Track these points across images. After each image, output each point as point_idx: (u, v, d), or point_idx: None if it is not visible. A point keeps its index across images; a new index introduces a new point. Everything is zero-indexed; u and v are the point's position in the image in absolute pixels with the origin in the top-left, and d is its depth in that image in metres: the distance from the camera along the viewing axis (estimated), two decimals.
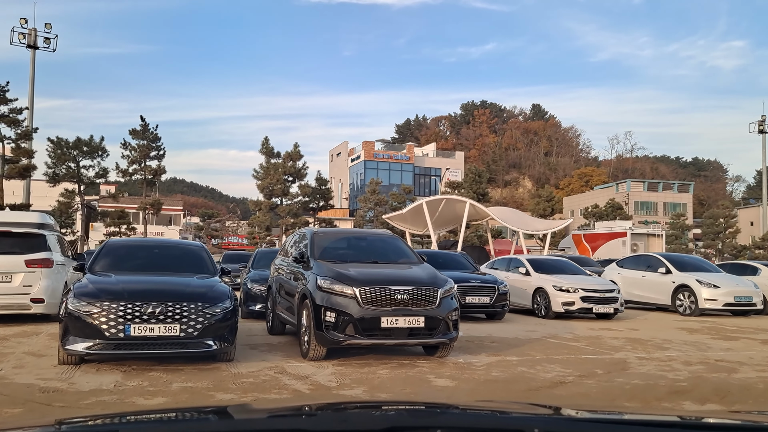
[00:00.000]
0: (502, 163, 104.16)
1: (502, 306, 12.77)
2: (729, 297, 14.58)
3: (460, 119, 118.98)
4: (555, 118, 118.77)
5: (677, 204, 69.95)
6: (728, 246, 46.15)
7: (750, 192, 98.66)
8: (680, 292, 15.25)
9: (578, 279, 13.91)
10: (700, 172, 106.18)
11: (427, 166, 72.84)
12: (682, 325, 12.91)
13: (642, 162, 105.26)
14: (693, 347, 9.50)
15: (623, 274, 17.09)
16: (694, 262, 16.68)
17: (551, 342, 9.80)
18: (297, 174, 36.81)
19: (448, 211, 31.59)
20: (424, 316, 7.24)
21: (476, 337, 10.05)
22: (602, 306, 13.29)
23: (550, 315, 13.52)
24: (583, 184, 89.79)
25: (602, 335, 10.80)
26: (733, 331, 11.89)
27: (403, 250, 8.83)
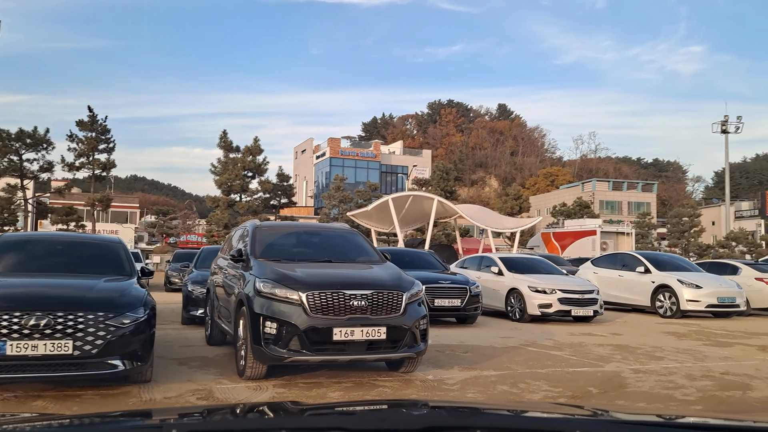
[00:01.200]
0: (469, 162, 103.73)
1: (474, 309, 11.61)
2: (712, 298, 13.71)
3: (427, 118, 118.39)
4: (521, 118, 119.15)
5: (641, 203, 70.36)
6: (693, 245, 46.16)
7: (709, 192, 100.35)
8: (660, 292, 14.33)
9: (555, 279, 12.85)
10: (661, 173, 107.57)
11: (394, 164, 71.71)
12: (665, 328, 11.94)
13: (605, 162, 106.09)
14: (688, 356, 8.46)
15: (599, 274, 16.13)
16: (674, 261, 15.82)
17: (531, 351, 8.64)
18: (257, 169, 35.19)
19: (415, 209, 30.42)
20: (386, 326, 5.97)
21: (447, 346, 8.83)
22: (581, 308, 12.24)
23: (525, 318, 12.42)
24: (548, 184, 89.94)
25: (585, 342, 9.70)
26: (722, 335, 10.94)
27: (363, 248, 7.55)
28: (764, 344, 9.73)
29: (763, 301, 14.99)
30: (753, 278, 15.20)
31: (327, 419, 1.54)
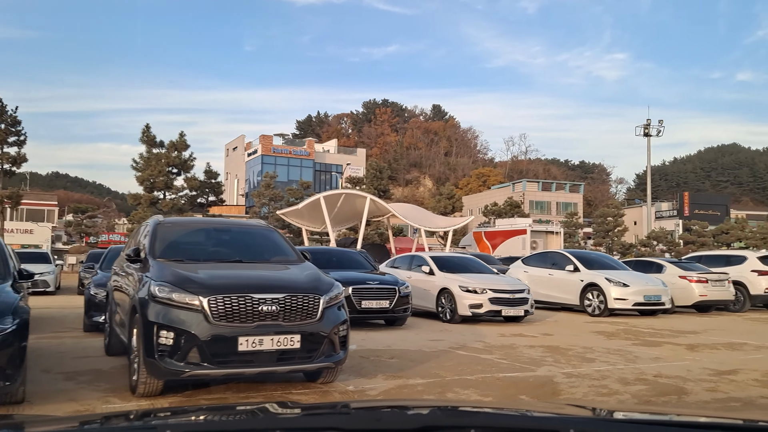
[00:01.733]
0: (404, 162, 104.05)
1: (403, 310, 11.11)
2: (639, 296, 13.77)
3: (362, 117, 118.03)
4: (454, 119, 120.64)
5: (569, 203, 72.34)
6: (617, 244, 47.70)
7: (631, 193, 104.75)
8: (589, 291, 14.31)
9: (486, 278, 12.54)
10: (587, 175, 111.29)
11: (328, 163, 70.87)
12: (595, 327, 11.83)
13: (535, 164, 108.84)
14: (619, 357, 8.24)
15: (529, 273, 16.02)
16: (601, 260, 15.89)
17: (461, 355, 8.21)
18: (183, 166, 33.62)
19: (347, 207, 29.81)
20: (301, 334, 5.34)
21: (373, 351, 8.27)
22: (512, 308, 11.98)
23: (456, 319, 12.04)
24: (480, 184, 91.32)
25: (516, 343, 9.37)
26: (650, 334, 10.88)
27: (279, 246, 6.87)
28: (691, 343, 9.69)
29: (686, 298, 15.24)
30: (677, 276, 15.44)
31: (322, 419, 1.53)
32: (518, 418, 1.57)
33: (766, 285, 15.82)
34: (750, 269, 16.13)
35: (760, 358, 8.20)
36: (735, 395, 6.00)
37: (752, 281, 15.98)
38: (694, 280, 15.20)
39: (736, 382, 6.61)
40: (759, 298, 16.00)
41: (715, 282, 15.28)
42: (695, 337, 10.53)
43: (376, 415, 1.59)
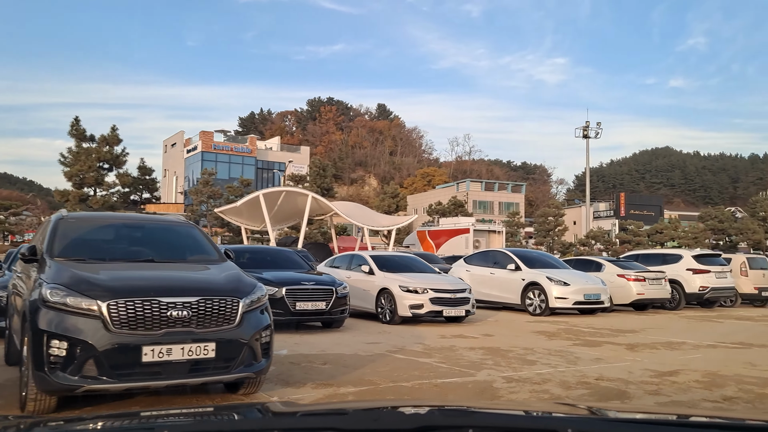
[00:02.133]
0: (349, 160, 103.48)
1: (340, 312, 10.61)
2: (579, 295, 13.74)
3: (307, 115, 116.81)
4: (399, 119, 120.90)
5: (511, 203, 73.48)
6: (557, 243, 48.61)
7: (570, 194, 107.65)
8: (530, 290, 14.19)
9: (427, 278, 12.20)
10: (528, 176, 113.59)
11: (271, 160, 69.59)
12: (536, 327, 11.66)
13: (479, 164, 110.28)
14: (560, 358, 8.00)
15: (471, 272, 15.81)
16: (543, 259, 15.84)
17: (398, 359, 7.79)
18: (115, 161, 32.06)
19: (288, 205, 29.06)
20: (216, 341, 4.79)
21: (305, 357, 7.75)
22: (453, 308, 11.67)
23: (395, 320, 11.65)
24: (425, 184, 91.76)
25: (456, 345, 9.04)
26: (590, 333, 10.77)
27: (198, 244, 6.26)
28: (631, 342, 9.59)
29: (624, 297, 15.35)
30: (615, 275, 15.54)
31: (320, 419, 1.54)
32: (516, 418, 1.56)
33: (700, 283, 16.13)
34: (685, 268, 16.42)
35: (698, 358, 8.12)
36: (677, 398, 5.80)
37: (687, 279, 16.27)
38: (632, 278, 15.32)
39: (677, 384, 6.44)
40: (693, 296, 16.31)
41: (652, 280, 15.46)
42: (634, 336, 10.48)
43: (374, 415, 1.58)
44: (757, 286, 17.51)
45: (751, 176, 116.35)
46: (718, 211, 52.47)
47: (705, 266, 16.35)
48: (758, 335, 10.81)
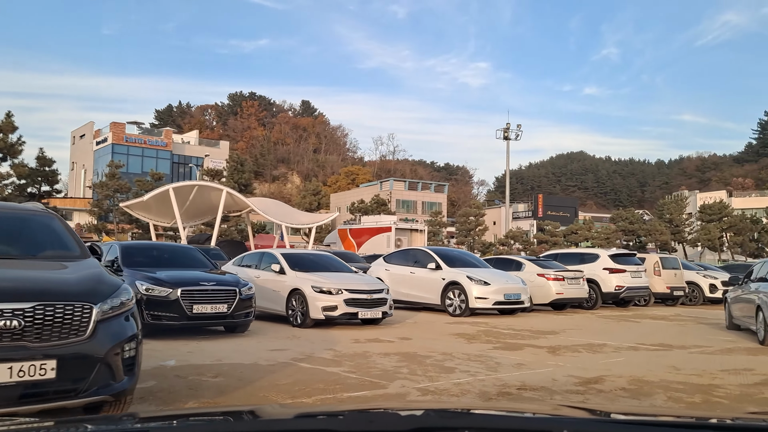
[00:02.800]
0: (271, 157, 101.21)
1: (245, 315, 9.63)
2: (499, 295, 13.35)
3: (228, 110, 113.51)
4: (324, 116, 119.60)
5: (434, 203, 73.91)
6: (478, 242, 49.10)
7: (491, 195, 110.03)
8: (450, 290, 13.68)
9: (342, 278, 11.40)
10: (451, 176, 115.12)
11: (188, 155, 66.63)
12: (455, 329, 11.11)
13: (403, 164, 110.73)
14: (480, 364, 7.42)
15: (391, 271, 15.16)
16: (464, 258, 15.40)
17: (303, 369, 6.95)
18: (9, 150, 29.31)
19: (201, 201, 27.47)
20: (58, 358, 3.79)
21: (195, 368, 6.77)
22: (369, 310, 10.93)
23: (307, 323, 10.78)
24: (349, 182, 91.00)
25: (370, 351, 8.29)
26: (511, 335, 10.31)
27: (55, 237, 5.19)
28: (552, 345, 9.17)
29: (544, 296, 15.15)
30: (535, 274, 15.32)
31: (314, 422, 1.53)
32: (512, 419, 1.56)
33: (616, 283, 16.19)
34: (602, 267, 16.46)
35: (621, 362, 7.75)
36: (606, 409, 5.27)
37: (604, 279, 16.30)
38: (551, 278, 15.15)
39: (604, 392, 5.95)
40: (609, 295, 16.36)
41: (571, 280, 15.34)
42: (555, 338, 10.10)
43: (369, 417, 1.57)
44: (670, 286, 17.85)
45: (658, 181, 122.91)
46: (629, 213, 54.72)
47: (621, 266, 16.45)
48: (675, 336, 10.71)
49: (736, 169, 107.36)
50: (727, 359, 7.95)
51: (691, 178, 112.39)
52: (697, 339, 10.30)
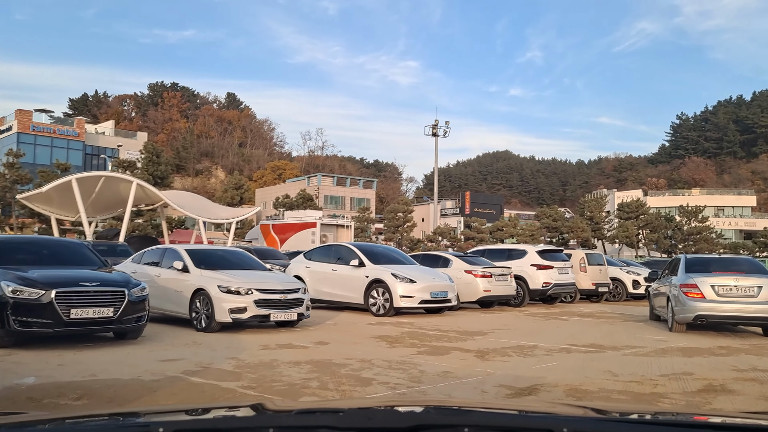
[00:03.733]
0: (194, 150, 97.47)
1: (136, 320, 8.37)
2: (425, 293, 12.61)
3: (148, 100, 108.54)
4: (250, 109, 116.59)
5: (362, 199, 73.25)
6: (406, 239, 48.69)
7: (419, 192, 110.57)
8: (374, 288, 12.83)
9: (253, 276, 10.30)
10: (380, 173, 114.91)
11: (102, 146, 62.88)
12: (378, 330, 10.25)
13: (332, 160, 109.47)
14: (402, 374, 6.57)
15: (311, 268, 14.16)
16: (388, 254, 14.57)
17: (193, 384, 5.86)
18: None
19: (109, 193, 25.42)
20: None
21: (58, 386, 5.55)
22: (283, 312, 9.89)
23: (213, 327, 9.63)
24: (276, 177, 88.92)
25: (279, 359, 7.29)
26: (437, 337, 9.54)
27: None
28: (481, 348, 8.44)
29: (471, 294, 14.54)
30: (462, 271, 14.70)
31: (315, 418, 1.51)
32: (511, 417, 1.55)
33: (543, 279, 15.80)
34: (529, 263, 16.05)
35: (555, 367, 7.09)
36: None
37: (531, 276, 15.88)
38: (479, 275, 14.56)
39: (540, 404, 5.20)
40: (537, 292, 15.97)
41: (498, 277, 14.82)
42: (483, 339, 9.40)
43: (369, 413, 1.55)
44: (595, 282, 17.71)
45: (578, 180, 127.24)
46: (552, 211, 55.83)
47: (548, 262, 16.09)
48: (606, 335, 10.26)
49: (651, 170, 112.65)
50: (664, 362, 7.46)
51: (609, 177, 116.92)
52: (628, 338, 9.88)
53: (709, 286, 10.30)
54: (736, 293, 10.20)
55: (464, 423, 1.37)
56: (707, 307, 10.19)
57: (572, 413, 1.68)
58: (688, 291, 10.39)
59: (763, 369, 7.01)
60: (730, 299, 10.17)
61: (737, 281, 10.29)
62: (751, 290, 10.17)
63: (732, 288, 10.23)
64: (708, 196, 73.43)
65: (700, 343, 9.33)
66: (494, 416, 1.54)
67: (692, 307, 10.30)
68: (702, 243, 51.19)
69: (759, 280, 10.27)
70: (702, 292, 10.27)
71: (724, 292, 10.23)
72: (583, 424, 1.45)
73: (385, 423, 1.40)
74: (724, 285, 10.27)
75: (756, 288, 10.15)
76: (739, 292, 10.20)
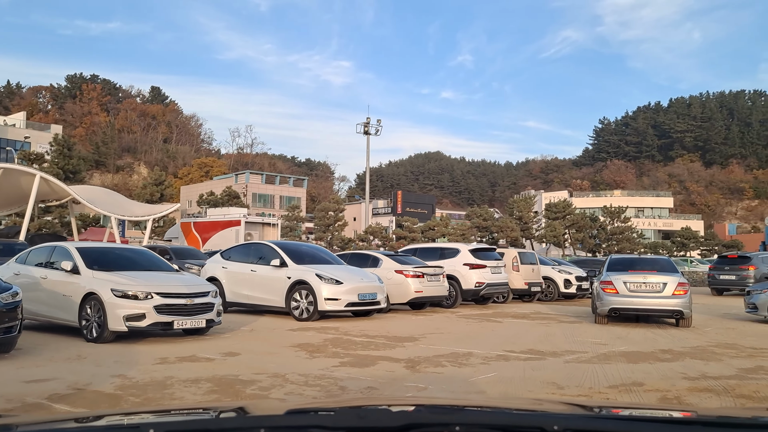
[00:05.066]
0: (114, 146, 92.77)
1: (5, 331, 7.03)
2: (353, 295, 11.67)
3: (66, 92, 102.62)
4: (176, 104, 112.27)
5: (293, 198, 71.67)
6: (337, 238, 47.64)
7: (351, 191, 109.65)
8: (297, 290, 11.78)
9: (155, 278, 9.04)
10: (312, 172, 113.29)
11: (11, 138, 58.52)
12: (299, 337, 9.23)
13: (262, 158, 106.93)
14: (318, 391, 5.61)
15: (229, 269, 12.96)
16: (314, 253, 13.53)
17: (55, 414, 4.68)
18: None
19: (10, 187, 23.12)
20: None
21: None
22: (189, 318, 8.71)
23: (105, 337, 8.35)
24: (203, 175, 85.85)
25: (175, 376, 6.17)
26: (363, 345, 8.62)
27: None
28: (411, 357, 7.58)
29: (402, 295, 13.72)
30: (393, 270, 13.85)
31: (305, 417, 1.49)
32: (503, 415, 1.54)
33: (476, 279, 15.17)
34: (462, 262, 15.38)
35: (493, 379, 6.30)
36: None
37: (464, 275, 15.22)
38: (410, 275, 13.75)
39: None
40: (470, 292, 15.31)
41: (430, 277, 14.06)
42: (414, 346, 8.55)
43: (360, 413, 1.55)
44: (527, 281, 17.26)
45: (507, 181, 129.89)
46: (483, 211, 56.18)
47: (482, 261, 15.48)
48: (543, 339, 9.63)
49: (575, 172, 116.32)
50: (610, 370, 6.82)
51: (536, 179, 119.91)
52: (566, 341, 9.28)
53: (622, 283, 11.48)
54: (645, 289, 11.39)
55: (456, 421, 1.33)
56: (619, 301, 11.47)
57: (562, 410, 1.66)
58: (605, 287, 11.63)
59: (714, 376, 6.48)
60: (639, 294, 11.40)
61: (646, 278, 11.42)
62: (657, 286, 11.33)
63: (641, 284, 11.41)
64: (629, 198, 76.19)
65: (640, 346, 8.83)
66: (486, 414, 1.54)
67: (608, 301, 11.54)
68: (624, 242, 52.78)
69: (666, 277, 11.41)
70: (616, 288, 11.50)
71: (634, 287, 11.43)
72: (573, 421, 1.43)
73: (377, 422, 1.36)
74: (634, 281, 11.45)
75: (662, 284, 11.31)
76: (647, 288, 11.38)
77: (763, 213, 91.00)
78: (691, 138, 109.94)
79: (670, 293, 11.32)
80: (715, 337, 10.04)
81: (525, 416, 1.51)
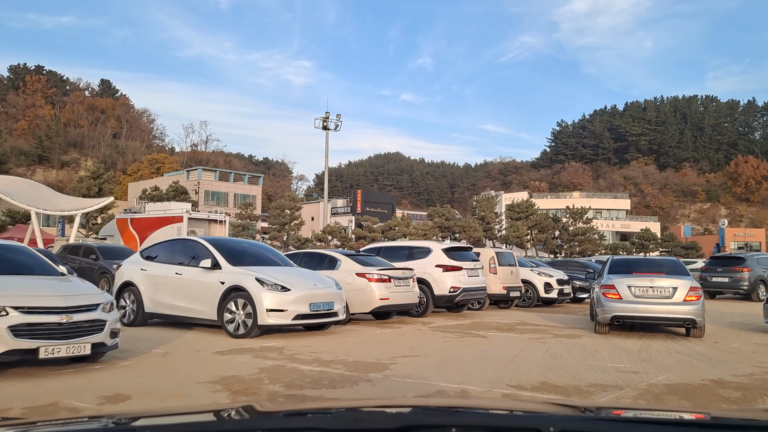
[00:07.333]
0: (60, 140, 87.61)
1: None
2: (303, 305, 9.27)
3: (8, 83, 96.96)
4: (126, 98, 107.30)
5: (247, 195, 68.62)
6: (293, 237, 45.00)
7: (310, 190, 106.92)
8: (232, 298, 9.32)
9: (19, 286, 6.47)
10: (269, 170, 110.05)
11: None
12: (226, 367, 6.77)
13: (217, 155, 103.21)
14: None
15: (149, 271, 10.41)
16: (256, 252, 11.05)
17: None
18: None
19: None
20: None
21: None
22: (65, 343, 6.17)
23: None
24: (154, 171, 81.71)
25: None
26: (313, 379, 6.23)
27: None
28: (381, 404, 5.25)
29: (364, 303, 11.39)
30: (354, 273, 11.51)
31: (302, 420, 1.49)
32: (499, 417, 1.51)
33: (451, 283, 12.93)
34: (434, 264, 13.14)
35: None
36: None
37: (437, 279, 12.97)
38: (374, 278, 11.41)
39: None
40: (443, 298, 13.07)
41: (398, 281, 11.77)
42: (384, 380, 6.19)
43: (357, 415, 1.51)
44: (506, 286, 15.12)
45: (466, 183, 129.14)
46: (445, 210, 54.32)
47: (456, 262, 13.27)
48: (550, 363, 7.39)
49: (534, 174, 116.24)
50: None
51: (495, 180, 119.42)
52: (583, 368, 7.07)
53: (626, 287, 10.20)
54: (652, 294, 10.11)
55: (452, 423, 1.31)
56: (623, 308, 10.15)
57: (559, 412, 1.61)
58: (607, 292, 10.34)
59: None
60: (646, 300, 10.09)
61: (653, 282, 10.16)
62: (666, 291, 10.07)
63: (648, 289, 10.15)
64: (587, 199, 75.74)
65: (679, 374, 6.72)
66: (482, 416, 1.50)
67: (610, 308, 10.24)
68: (586, 243, 51.76)
69: (675, 281, 10.12)
70: (619, 293, 10.21)
71: (640, 292, 10.16)
72: (569, 423, 1.39)
73: (374, 424, 1.37)
74: (640, 286, 10.18)
75: (671, 289, 10.05)
76: (654, 293, 10.10)
77: (714, 216, 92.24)
78: (646, 141, 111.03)
79: (681, 299, 9.99)
80: (754, 357, 8.06)
81: (521, 417, 1.49)
